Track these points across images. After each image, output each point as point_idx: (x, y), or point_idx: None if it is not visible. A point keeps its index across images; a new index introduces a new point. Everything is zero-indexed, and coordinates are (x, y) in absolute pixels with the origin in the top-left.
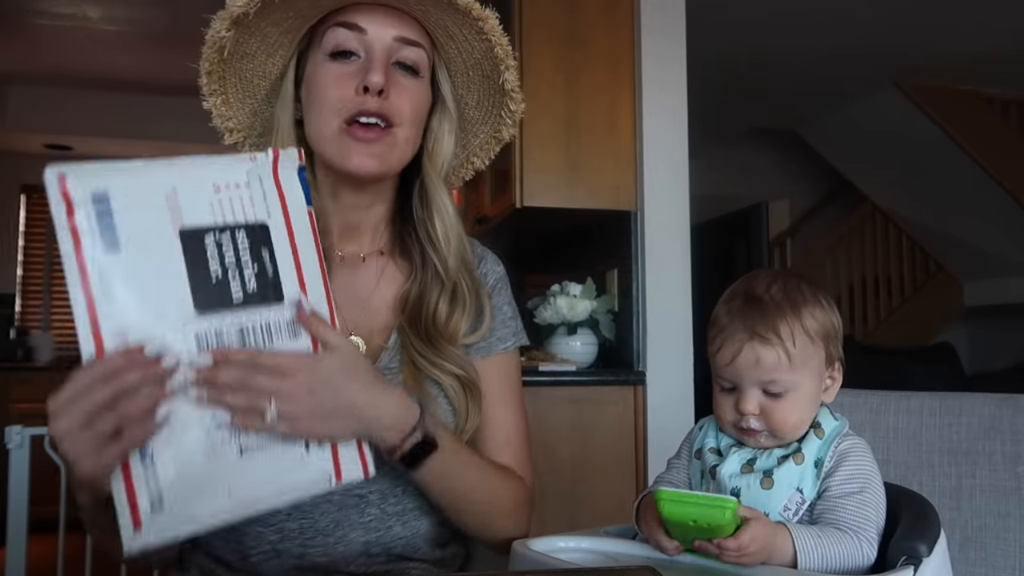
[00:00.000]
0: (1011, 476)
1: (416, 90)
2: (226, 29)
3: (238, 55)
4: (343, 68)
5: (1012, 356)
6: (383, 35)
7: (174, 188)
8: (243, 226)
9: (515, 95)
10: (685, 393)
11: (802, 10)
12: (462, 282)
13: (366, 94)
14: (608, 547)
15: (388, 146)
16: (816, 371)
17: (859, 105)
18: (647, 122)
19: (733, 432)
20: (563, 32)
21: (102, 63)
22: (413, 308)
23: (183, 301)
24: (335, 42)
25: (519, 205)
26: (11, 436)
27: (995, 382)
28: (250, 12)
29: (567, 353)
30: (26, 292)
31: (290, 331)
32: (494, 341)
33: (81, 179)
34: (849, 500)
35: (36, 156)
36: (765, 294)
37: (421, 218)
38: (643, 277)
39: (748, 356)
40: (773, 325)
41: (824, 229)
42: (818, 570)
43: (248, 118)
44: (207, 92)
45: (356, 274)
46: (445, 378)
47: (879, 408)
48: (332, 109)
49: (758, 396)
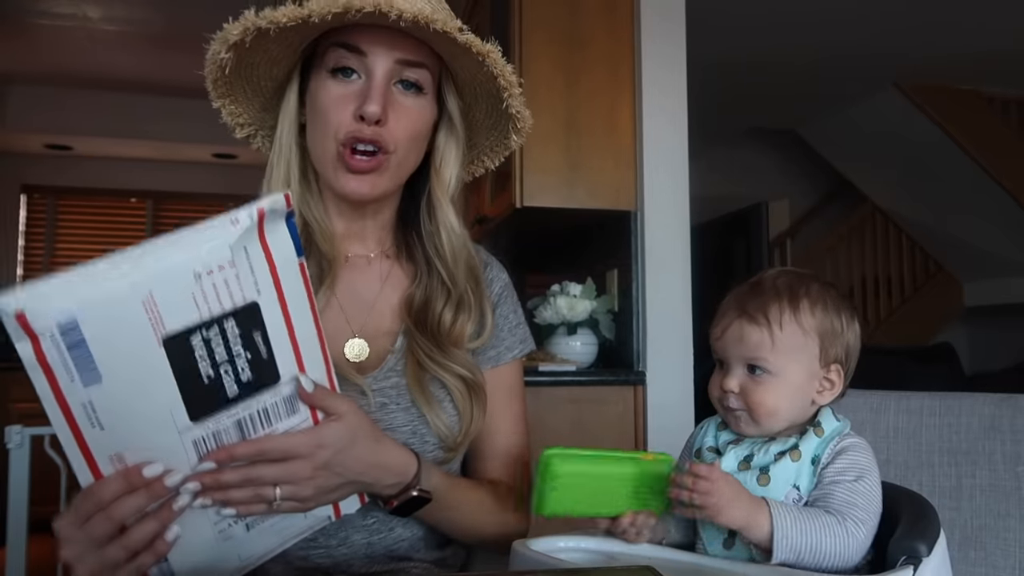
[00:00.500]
0: (1011, 476)
1: (417, 110)
2: (225, 51)
3: (242, 66)
4: (343, 88)
5: (1012, 356)
6: (384, 59)
7: (150, 292)
8: (231, 313)
9: (521, 117)
10: (685, 393)
11: (802, 11)
12: (468, 291)
13: (362, 122)
14: (608, 547)
15: (380, 173)
16: (804, 365)
17: (859, 105)
18: (647, 122)
19: (719, 410)
20: (563, 33)
21: (102, 63)
22: (419, 312)
23: (176, 412)
24: (335, 60)
25: (519, 205)
26: (11, 436)
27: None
28: (247, 40)
29: (567, 353)
30: None
31: (288, 408)
32: (503, 351)
33: (41, 308)
34: (839, 486)
35: (36, 156)
36: (768, 282)
37: (429, 231)
38: (643, 277)
39: (735, 331)
40: (763, 306)
41: (824, 229)
42: (797, 548)
43: (258, 113)
44: (214, 96)
45: (362, 275)
46: (451, 379)
47: (879, 408)
48: (330, 131)
49: (741, 374)
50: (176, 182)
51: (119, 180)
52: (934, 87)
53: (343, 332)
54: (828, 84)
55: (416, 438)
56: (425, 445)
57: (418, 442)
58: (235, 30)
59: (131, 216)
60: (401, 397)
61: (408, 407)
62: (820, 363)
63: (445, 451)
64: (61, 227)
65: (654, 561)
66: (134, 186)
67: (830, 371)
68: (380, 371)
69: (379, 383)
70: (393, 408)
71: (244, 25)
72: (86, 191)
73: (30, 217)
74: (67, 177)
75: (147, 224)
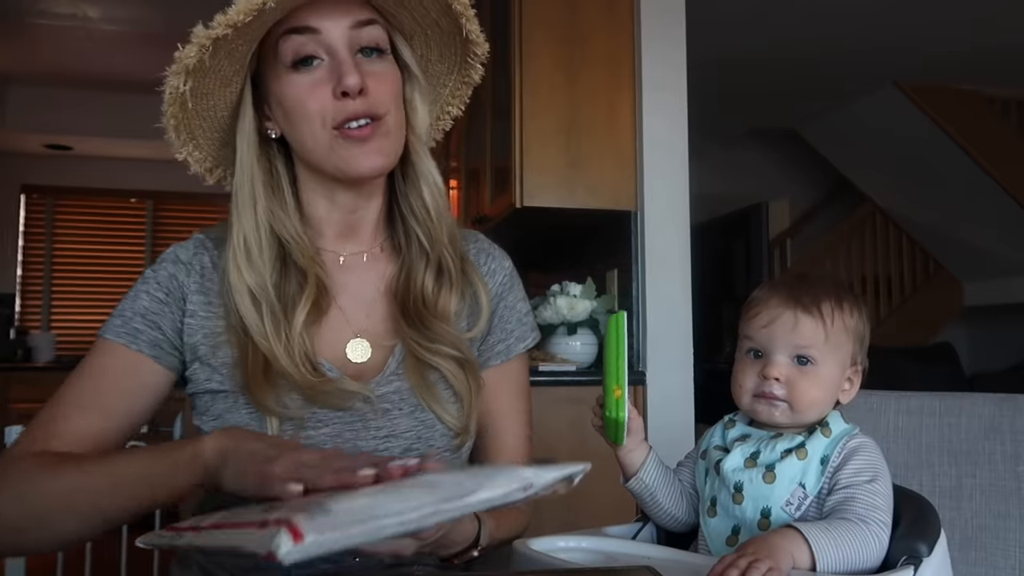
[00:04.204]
0: (1011, 476)
1: (388, 71)
2: (183, 83)
3: (197, 98)
4: (310, 77)
5: (1012, 356)
6: (338, 28)
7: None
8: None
9: (478, 42)
10: (685, 393)
11: (802, 10)
12: (449, 259)
13: (345, 98)
14: (608, 547)
15: (384, 137)
16: (841, 361)
17: (859, 105)
18: (647, 122)
19: (749, 403)
20: (563, 32)
21: (102, 63)
22: (403, 291)
23: None
24: (293, 51)
25: (519, 205)
26: (11, 436)
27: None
28: (205, 58)
29: (567, 353)
30: (26, 292)
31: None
32: (513, 342)
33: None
34: (861, 489)
35: (36, 156)
36: (815, 278)
37: (404, 191)
38: (643, 277)
39: (788, 320)
40: (817, 299)
41: (824, 229)
42: (839, 567)
43: (220, 150)
44: (178, 145)
45: (358, 274)
46: (444, 363)
47: (879, 408)
48: (316, 120)
49: (787, 363)
50: (176, 182)
51: (119, 180)
52: (934, 87)
53: (344, 334)
54: (829, 84)
55: (420, 443)
56: (430, 448)
57: (423, 446)
58: (191, 52)
59: (131, 216)
60: (404, 402)
61: (412, 411)
62: (850, 362)
63: (453, 439)
64: (60, 227)
65: (654, 561)
66: (134, 186)
67: (856, 371)
68: (382, 375)
69: (382, 388)
70: (396, 414)
71: (199, 43)
72: (86, 191)
73: (29, 217)
74: (66, 177)
75: (147, 224)
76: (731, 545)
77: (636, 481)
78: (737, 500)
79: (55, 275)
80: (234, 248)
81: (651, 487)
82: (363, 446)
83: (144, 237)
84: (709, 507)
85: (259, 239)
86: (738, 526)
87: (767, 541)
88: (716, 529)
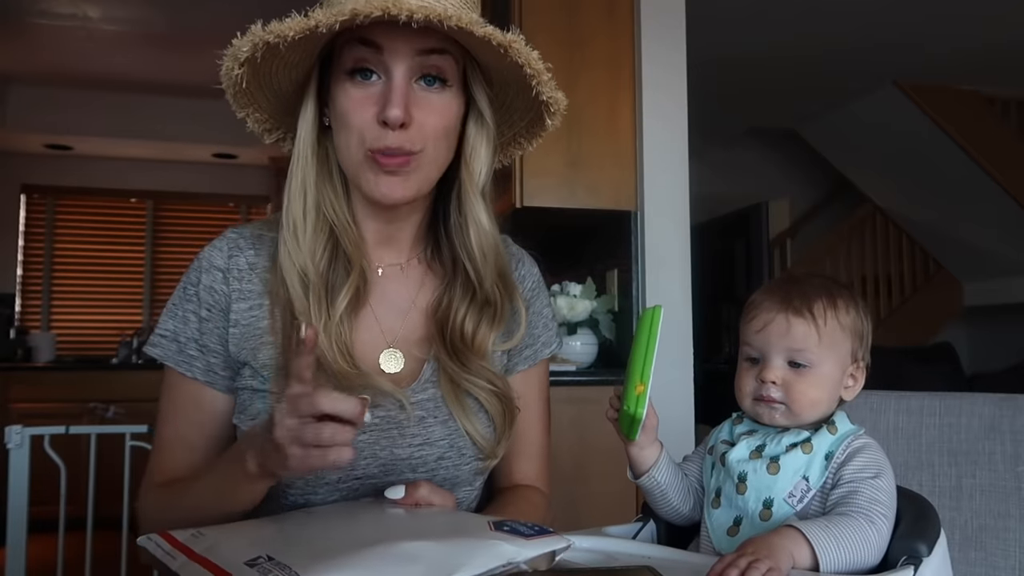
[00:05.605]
0: (1011, 476)
1: (444, 105)
2: (237, 68)
3: (259, 75)
4: (363, 91)
5: (1012, 356)
6: (402, 51)
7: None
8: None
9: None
10: (685, 393)
11: (803, 9)
12: (496, 294)
13: (385, 127)
14: (608, 547)
15: (412, 172)
16: (840, 360)
17: (860, 105)
18: (647, 122)
19: (750, 406)
20: (563, 33)
21: (102, 63)
22: (442, 318)
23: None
24: (353, 59)
25: (519, 205)
26: (11, 436)
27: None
28: (257, 55)
29: (567, 353)
30: (26, 292)
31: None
32: (539, 347)
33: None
34: (864, 484)
35: (36, 156)
36: (806, 279)
37: (457, 224)
38: (643, 277)
39: (780, 324)
40: (808, 301)
41: (824, 229)
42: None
43: (284, 116)
44: (236, 108)
45: (395, 284)
46: (481, 393)
47: (879, 408)
48: (355, 135)
49: (782, 367)
50: (176, 182)
51: (119, 180)
52: (934, 87)
53: (378, 343)
54: (829, 84)
55: (453, 451)
56: (463, 457)
57: (455, 455)
58: (244, 47)
59: (131, 216)
60: (438, 410)
61: (446, 420)
62: (850, 359)
63: (482, 460)
64: (61, 227)
65: (654, 561)
66: (134, 186)
67: (858, 368)
68: (417, 383)
69: (416, 396)
70: (431, 421)
71: (252, 41)
72: (86, 191)
73: (30, 217)
74: (67, 177)
75: (147, 224)
76: (732, 536)
77: (648, 479)
78: (740, 490)
79: (55, 275)
80: (285, 230)
81: (663, 485)
82: (399, 453)
83: (144, 237)
84: (713, 499)
85: (310, 222)
86: (740, 517)
87: (767, 541)
88: (718, 520)
